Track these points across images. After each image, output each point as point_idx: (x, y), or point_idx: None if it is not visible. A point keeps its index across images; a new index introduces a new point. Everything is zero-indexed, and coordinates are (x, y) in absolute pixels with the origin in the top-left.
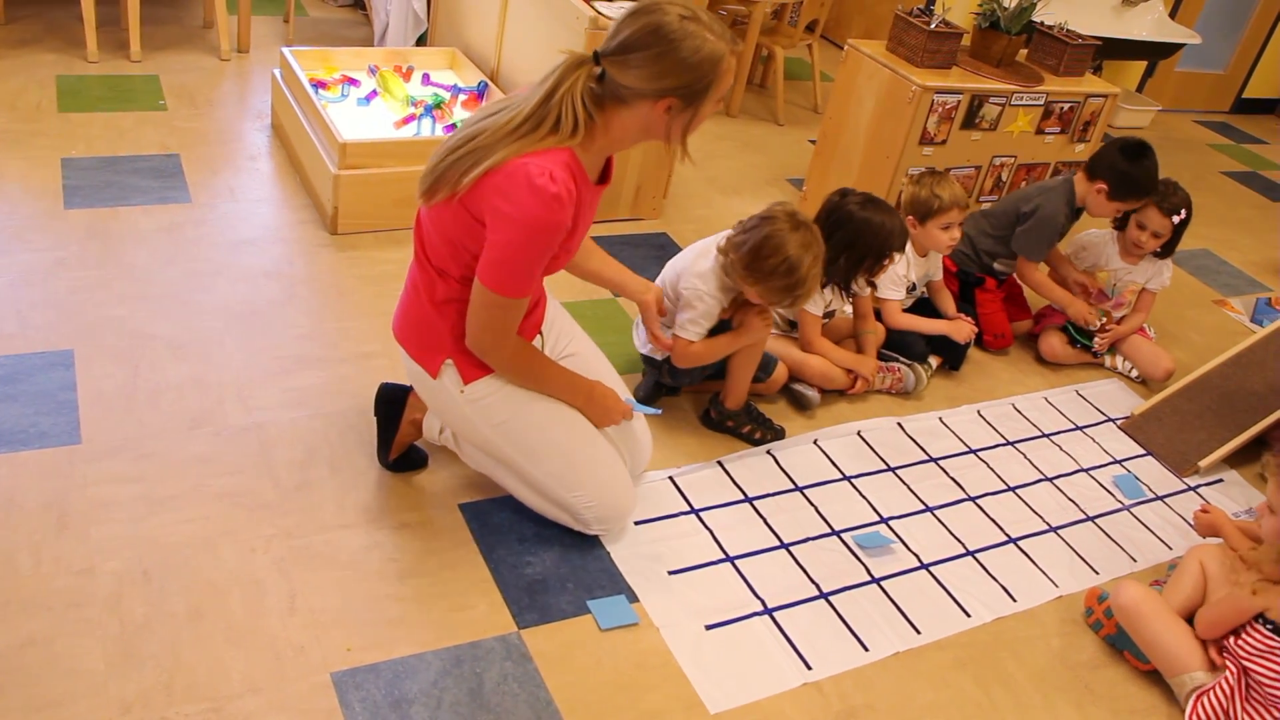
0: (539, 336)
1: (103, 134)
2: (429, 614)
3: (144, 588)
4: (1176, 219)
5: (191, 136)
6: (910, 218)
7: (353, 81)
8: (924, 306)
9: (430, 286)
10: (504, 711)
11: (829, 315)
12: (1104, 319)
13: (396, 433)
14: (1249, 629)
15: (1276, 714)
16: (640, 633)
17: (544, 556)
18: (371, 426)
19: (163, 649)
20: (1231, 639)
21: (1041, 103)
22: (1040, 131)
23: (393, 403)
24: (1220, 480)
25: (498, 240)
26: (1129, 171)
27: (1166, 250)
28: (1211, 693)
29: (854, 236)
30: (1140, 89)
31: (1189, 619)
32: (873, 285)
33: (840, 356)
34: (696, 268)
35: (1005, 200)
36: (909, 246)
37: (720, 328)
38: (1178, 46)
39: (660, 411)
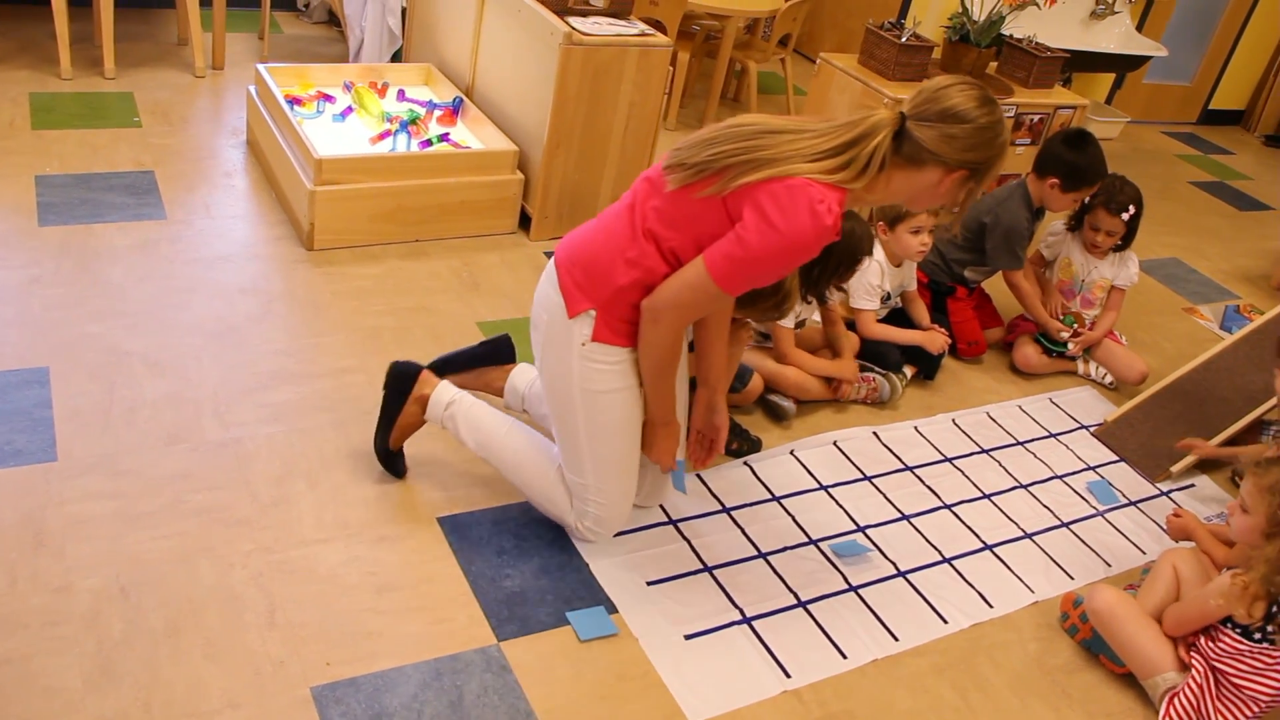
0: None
1: (77, 151)
2: (408, 627)
3: (121, 604)
4: (1126, 216)
5: (166, 153)
6: (880, 224)
7: (328, 98)
8: (898, 317)
9: (629, 241)
10: None
11: (800, 324)
12: (1074, 325)
13: (400, 412)
14: (1218, 633)
15: (1252, 710)
16: (620, 643)
17: (523, 569)
18: (349, 440)
19: (141, 666)
20: (1201, 640)
21: (1012, 114)
22: (1011, 143)
23: (403, 378)
24: (1192, 485)
25: (749, 241)
26: (1076, 161)
27: (1125, 243)
28: (1183, 693)
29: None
30: (1109, 101)
31: (1162, 617)
32: (842, 290)
33: (817, 365)
34: None
35: (967, 212)
36: (882, 256)
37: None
38: (1145, 59)
39: (685, 494)
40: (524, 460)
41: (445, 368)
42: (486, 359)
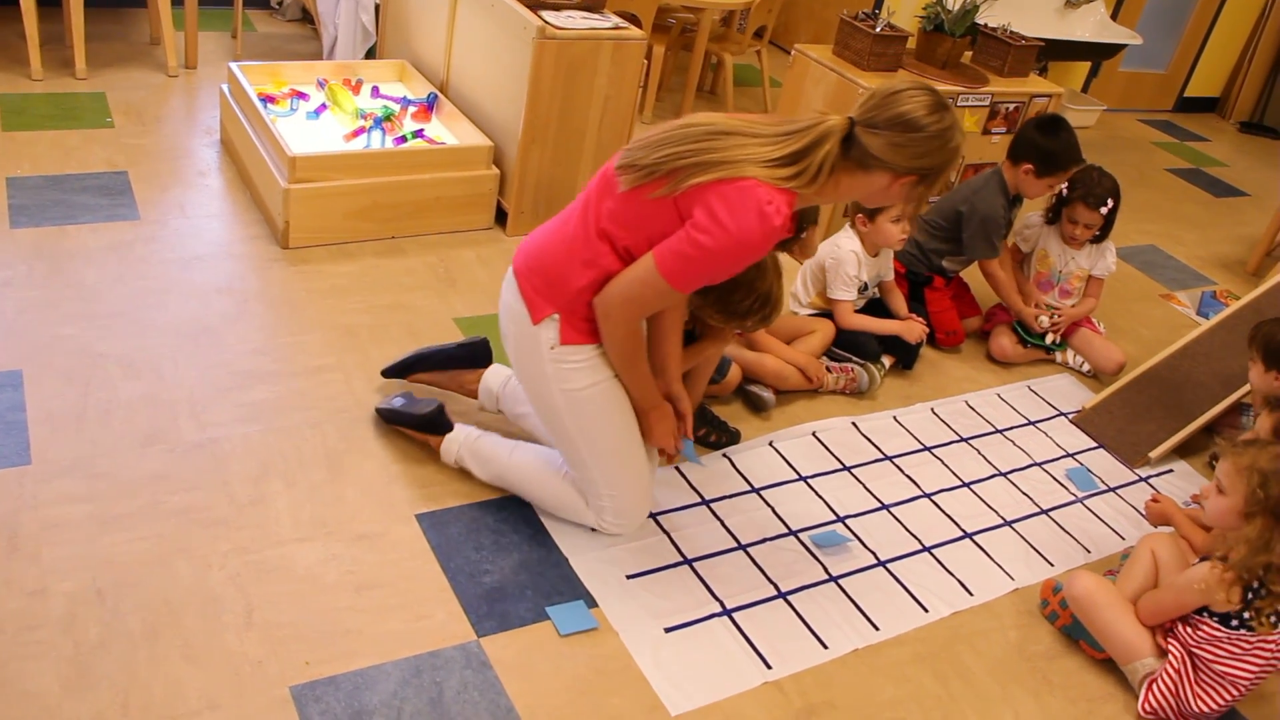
0: None
1: (49, 152)
2: (387, 625)
3: (98, 608)
4: (1104, 210)
5: (140, 153)
6: (860, 216)
7: (302, 95)
8: (876, 307)
9: (583, 243)
10: None
11: None
12: (1053, 313)
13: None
14: (1195, 621)
15: (1232, 693)
16: (599, 637)
17: (502, 564)
18: (326, 439)
19: (118, 669)
20: (1179, 626)
21: (987, 103)
22: (987, 131)
23: (426, 424)
24: (1170, 470)
25: (699, 240)
26: (1049, 146)
27: (1102, 235)
28: (1161, 677)
29: None
30: (1085, 89)
31: (1138, 606)
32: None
33: (788, 354)
34: None
35: (942, 200)
36: (859, 247)
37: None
38: (1119, 47)
39: (702, 464)
40: (531, 475)
41: (420, 364)
42: (462, 361)
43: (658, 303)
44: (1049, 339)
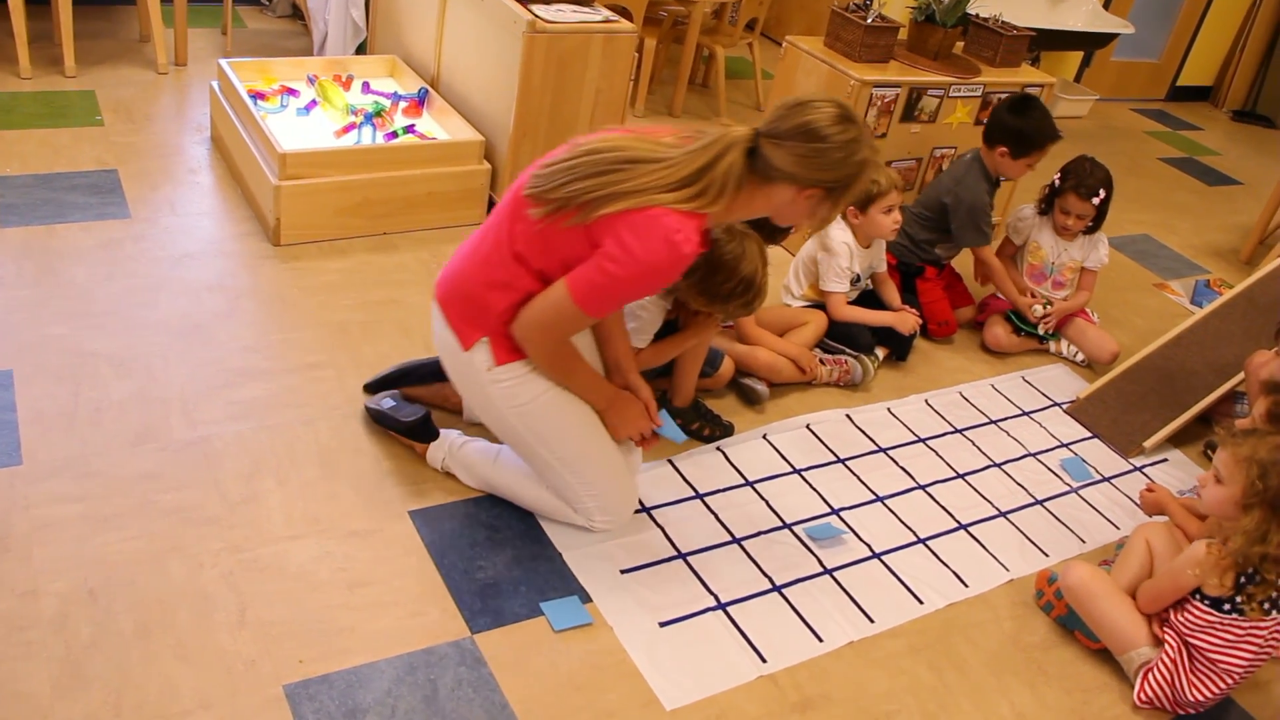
0: None
1: (38, 151)
2: (381, 622)
3: (90, 608)
4: (1096, 200)
5: (129, 151)
6: (851, 209)
7: (292, 92)
8: (869, 299)
9: (499, 266)
10: (459, 717)
11: None
12: (1047, 306)
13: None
14: (1188, 605)
15: (1226, 682)
16: (594, 632)
17: (495, 560)
18: (318, 436)
19: (110, 669)
20: (1173, 614)
21: (979, 94)
22: (979, 122)
23: (411, 432)
24: (1165, 460)
25: (608, 268)
26: (1022, 127)
27: (1095, 225)
28: (1157, 667)
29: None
30: (1078, 79)
31: (1136, 595)
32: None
33: (780, 345)
34: None
35: (927, 189)
36: (851, 239)
37: (667, 328)
38: (1111, 36)
39: (683, 438)
40: (515, 483)
41: (403, 379)
42: (445, 375)
43: (574, 326)
44: (1041, 329)
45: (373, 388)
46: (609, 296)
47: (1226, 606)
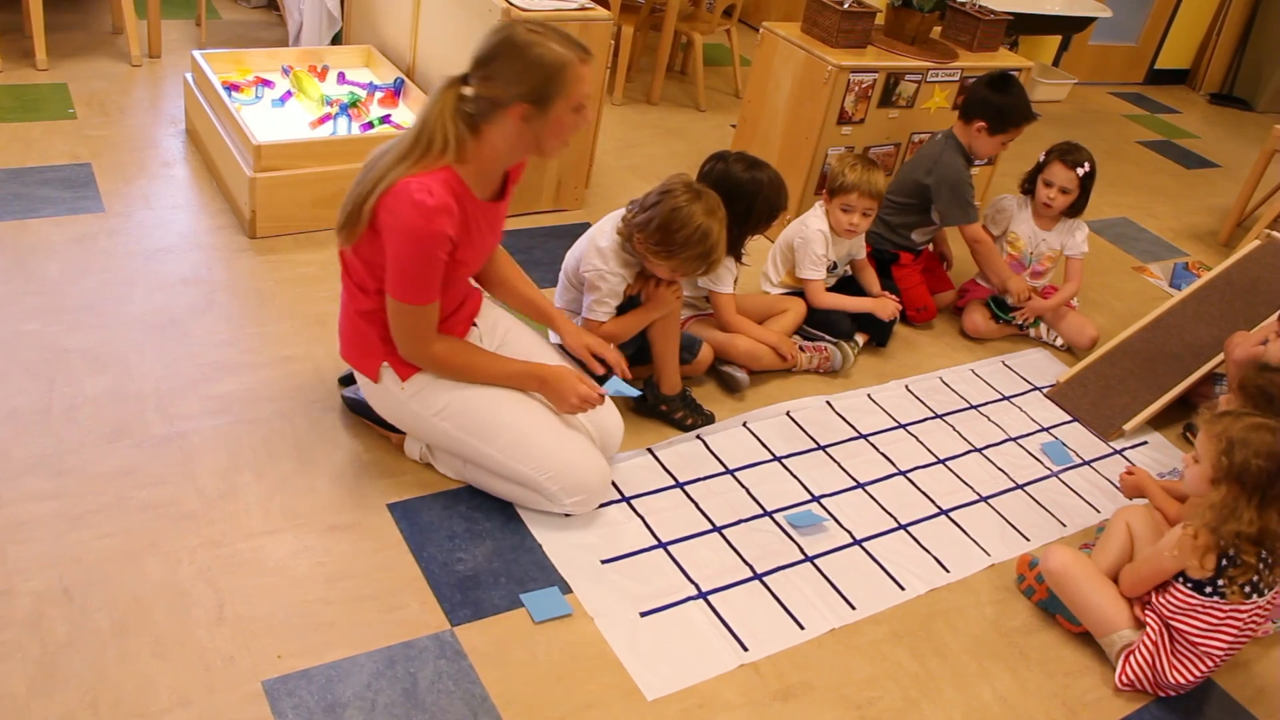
0: (474, 328)
1: (10, 145)
2: (360, 616)
3: (65, 606)
4: (1081, 171)
5: (103, 145)
6: (824, 193)
7: (267, 83)
8: (848, 285)
9: (355, 300)
10: (439, 710)
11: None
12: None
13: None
14: (1171, 588)
15: (1207, 664)
16: (574, 623)
17: (475, 552)
18: (296, 430)
19: (87, 667)
20: (1155, 596)
21: (957, 78)
22: (956, 107)
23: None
24: (1145, 442)
25: (392, 255)
26: (1001, 102)
27: (1076, 209)
28: (1138, 649)
29: (750, 201)
30: (1056, 63)
31: (1118, 580)
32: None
33: (759, 333)
34: (595, 248)
35: (900, 174)
36: (826, 226)
37: (629, 305)
38: (1089, 20)
39: (640, 393)
40: (487, 476)
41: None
42: None
43: (422, 321)
44: (1019, 319)
45: (347, 380)
46: (415, 279)
47: (1208, 589)
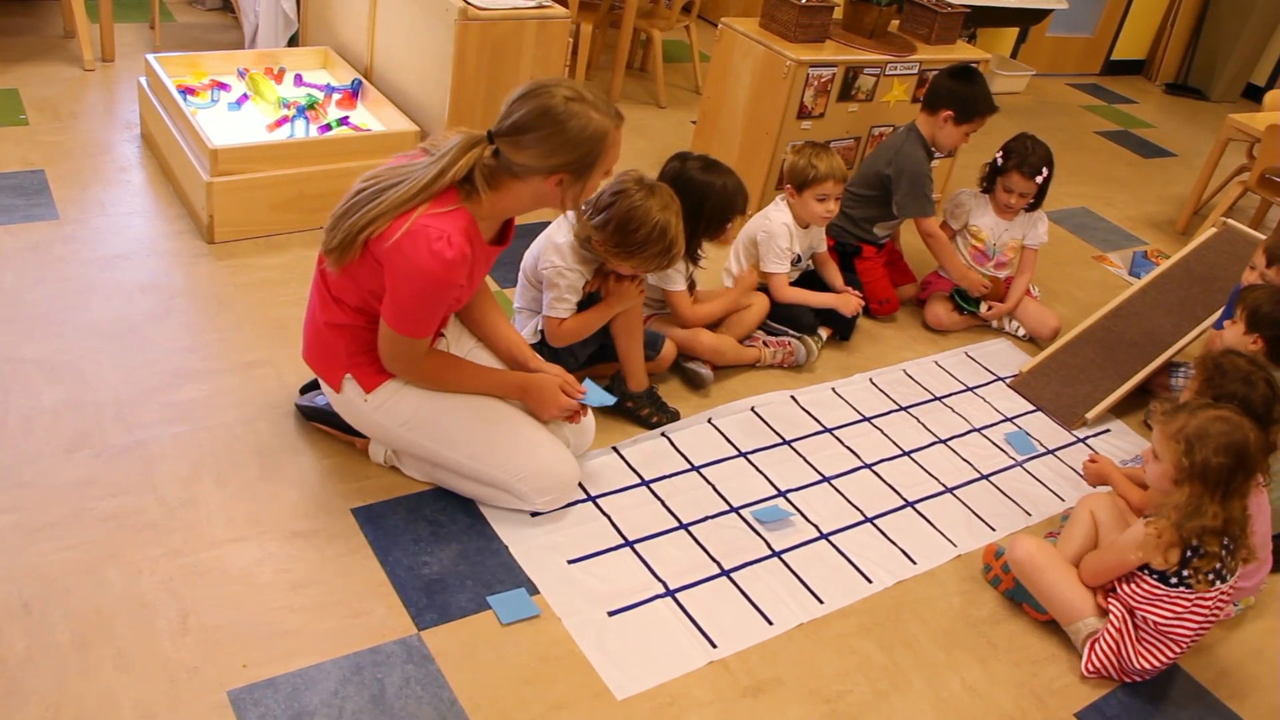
0: (441, 338)
1: None
2: (326, 622)
3: (24, 620)
4: (1039, 179)
5: (57, 151)
6: (789, 187)
7: (222, 86)
8: (810, 279)
9: (327, 310)
10: (407, 715)
11: (691, 286)
12: (989, 285)
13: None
14: (1136, 578)
15: (1173, 650)
16: (542, 624)
17: (441, 555)
18: (258, 436)
19: (47, 683)
20: (1120, 586)
21: (916, 71)
22: (916, 100)
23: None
24: (1108, 430)
25: (398, 291)
26: (967, 93)
27: (1036, 203)
28: (1103, 637)
29: (700, 201)
30: (1014, 55)
31: (1080, 568)
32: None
33: (715, 309)
34: (552, 245)
35: (862, 166)
36: (790, 219)
37: (591, 301)
38: (1046, 12)
39: (616, 400)
40: (460, 480)
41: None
42: None
43: (415, 349)
44: (982, 309)
45: (307, 388)
46: (418, 314)
47: (1174, 580)
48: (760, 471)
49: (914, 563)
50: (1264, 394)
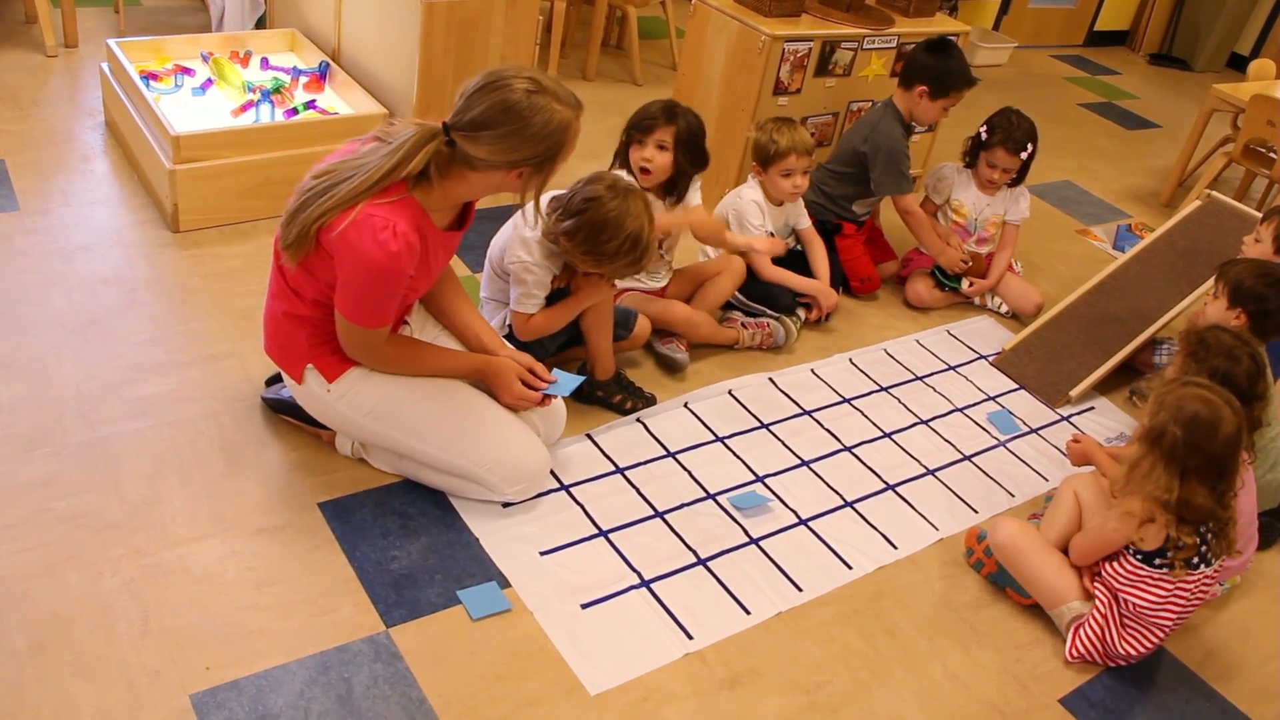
0: (406, 325)
1: None
2: (291, 621)
3: None
4: (1024, 155)
5: (17, 140)
6: (755, 164)
7: (186, 71)
8: (798, 260)
9: (286, 301)
10: (375, 716)
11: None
12: (968, 261)
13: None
14: (1121, 557)
15: (1156, 635)
16: (514, 619)
17: (409, 549)
18: (223, 430)
19: (3, 690)
20: (1105, 566)
21: (894, 45)
22: (895, 74)
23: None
24: (1091, 408)
25: (348, 281)
26: (942, 67)
27: (1019, 179)
28: (1088, 622)
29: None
30: (996, 27)
31: (1068, 549)
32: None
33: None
34: (519, 238)
35: (840, 143)
36: (760, 196)
37: (559, 294)
38: None
39: (581, 378)
40: (427, 471)
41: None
42: None
43: (372, 338)
44: (964, 285)
45: (273, 380)
46: (370, 304)
47: (1158, 561)
48: (738, 456)
49: (895, 547)
50: (1248, 368)
